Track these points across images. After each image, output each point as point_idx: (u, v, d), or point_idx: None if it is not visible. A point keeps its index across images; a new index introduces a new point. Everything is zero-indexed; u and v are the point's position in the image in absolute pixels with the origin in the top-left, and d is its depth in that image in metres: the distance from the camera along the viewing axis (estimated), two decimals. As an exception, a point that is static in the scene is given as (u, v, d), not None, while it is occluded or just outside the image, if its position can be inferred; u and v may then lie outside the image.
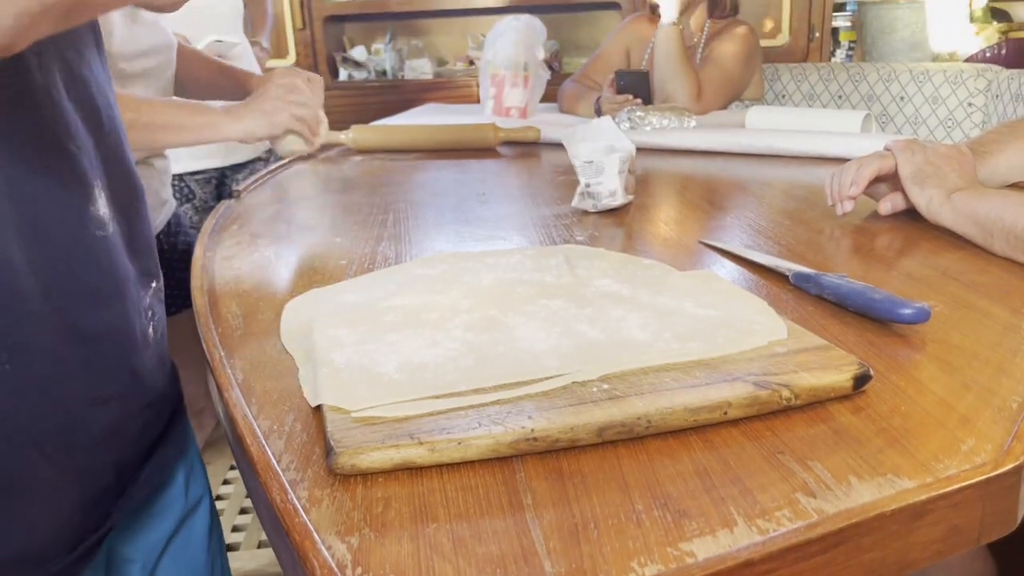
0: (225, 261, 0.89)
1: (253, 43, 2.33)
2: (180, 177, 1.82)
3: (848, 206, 0.98)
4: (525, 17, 2.00)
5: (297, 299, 0.74)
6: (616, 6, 3.10)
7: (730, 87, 2.08)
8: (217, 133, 1.16)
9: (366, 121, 1.81)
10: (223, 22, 2.06)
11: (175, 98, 1.31)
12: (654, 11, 2.09)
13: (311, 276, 0.83)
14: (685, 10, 2.01)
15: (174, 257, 1.36)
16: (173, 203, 1.43)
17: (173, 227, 1.39)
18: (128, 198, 0.59)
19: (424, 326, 0.62)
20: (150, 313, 0.61)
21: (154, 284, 0.62)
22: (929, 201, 0.89)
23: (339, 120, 1.76)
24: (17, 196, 0.46)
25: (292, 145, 1.29)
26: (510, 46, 1.95)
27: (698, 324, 0.61)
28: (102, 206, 0.54)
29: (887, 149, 0.98)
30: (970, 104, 2.42)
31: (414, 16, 3.33)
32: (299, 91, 1.23)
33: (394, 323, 0.63)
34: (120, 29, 1.17)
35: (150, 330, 0.61)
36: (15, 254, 0.46)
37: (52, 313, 0.49)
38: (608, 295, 0.68)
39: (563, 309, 0.65)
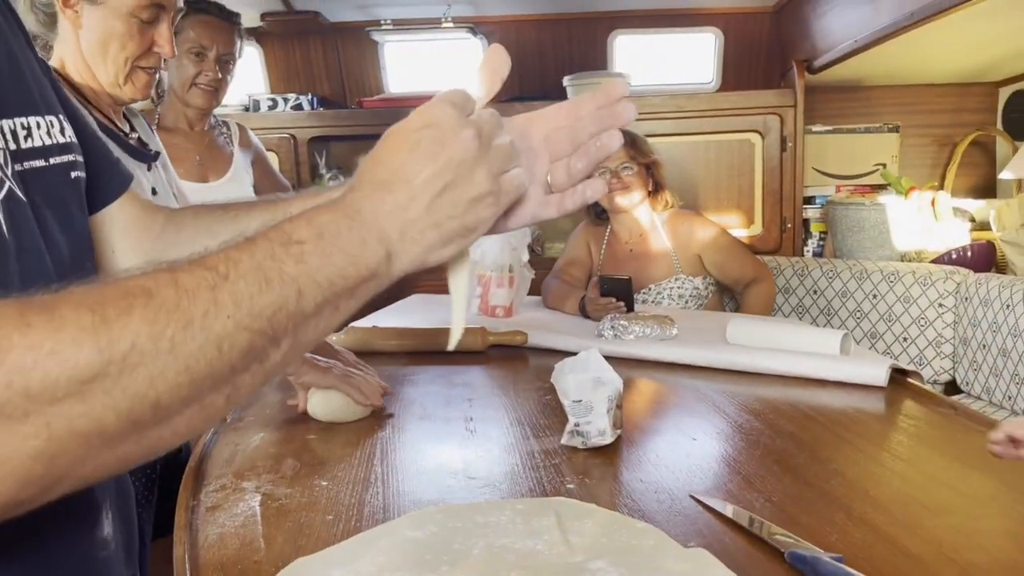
0: (209, 513, 0.87)
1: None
2: None
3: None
4: (511, 221, 2.08)
5: (282, 575, 0.72)
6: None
7: (747, 251, 2.46)
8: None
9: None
10: None
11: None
12: (599, 216, 2.47)
13: (297, 537, 0.81)
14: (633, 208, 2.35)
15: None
16: None
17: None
18: (125, 498, 0.58)
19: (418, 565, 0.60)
20: None
21: None
22: None
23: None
24: (26, 529, 0.46)
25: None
26: (496, 250, 2.01)
27: (698, 633, 0.59)
28: (107, 525, 0.53)
29: None
30: (941, 305, 2.51)
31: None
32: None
33: (384, 566, 0.60)
34: None
35: None
36: None
37: None
38: (604, 586, 0.66)
39: (558, 606, 0.63)
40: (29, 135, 0.60)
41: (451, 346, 0.63)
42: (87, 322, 0.40)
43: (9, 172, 0.56)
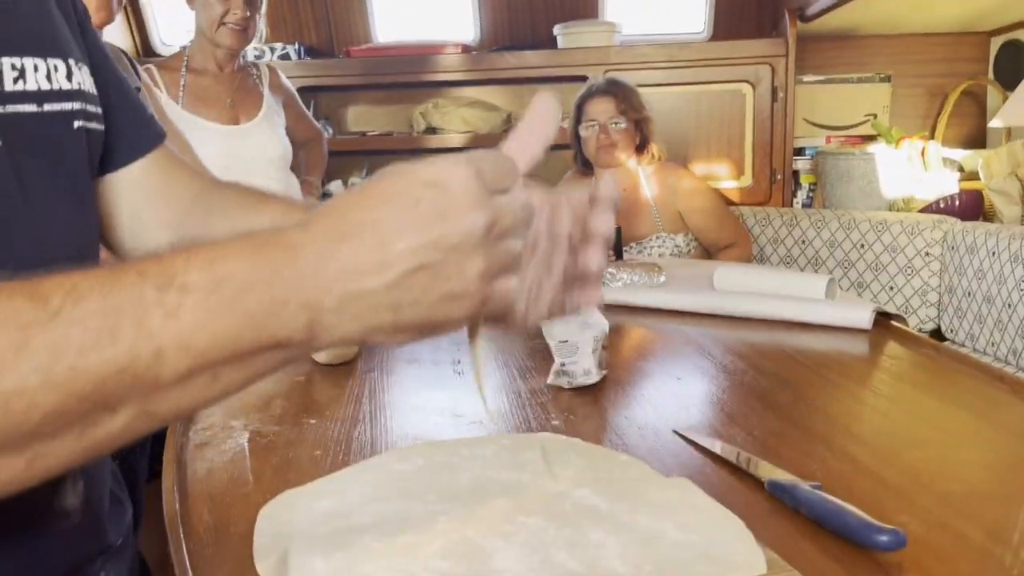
0: (198, 450, 0.88)
1: (304, 181, 2.42)
2: None
3: None
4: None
5: (270, 505, 0.73)
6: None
7: (729, 214, 2.44)
8: None
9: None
10: (272, 166, 2.14)
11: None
12: (585, 165, 2.46)
13: (285, 471, 0.82)
14: (618, 164, 2.35)
15: None
16: None
17: None
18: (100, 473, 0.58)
19: (400, 555, 0.61)
20: None
21: (112, 549, 0.61)
22: None
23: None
24: None
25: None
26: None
27: (678, 554, 0.61)
28: (71, 497, 0.53)
29: None
30: (927, 254, 2.52)
31: (391, 152, 3.42)
32: None
33: (369, 551, 0.62)
34: None
35: None
36: None
37: None
38: (587, 512, 0.68)
39: (541, 530, 0.64)
40: (22, 76, 0.56)
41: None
42: None
43: None
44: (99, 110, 0.64)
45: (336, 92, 3.29)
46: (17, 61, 0.56)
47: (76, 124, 0.61)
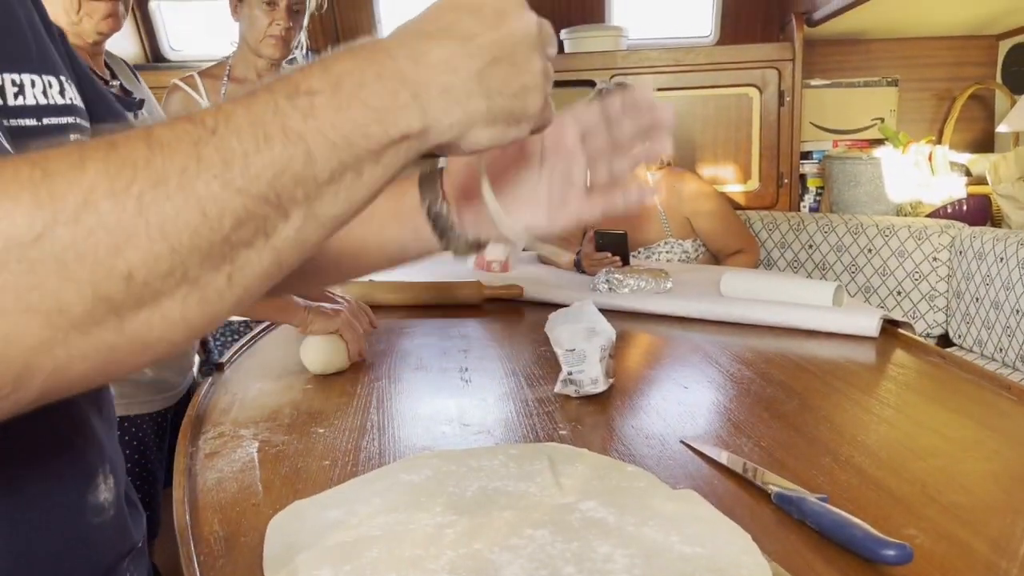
0: (208, 459, 0.89)
1: None
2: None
3: None
4: (507, 176, 2.07)
5: (280, 516, 0.73)
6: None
7: (737, 220, 2.42)
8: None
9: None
10: None
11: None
12: None
13: (294, 481, 0.83)
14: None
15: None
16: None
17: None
18: (119, 463, 0.59)
19: (409, 568, 0.61)
20: None
21: (136, 549, 0.62)
22: None
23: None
24: (15, 488, 0.46)
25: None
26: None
27: (684, 567, 0.61)
28: (104, 491, 0.54)
29: None
30: (935, 259, 2.51)
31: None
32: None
33: (377, 562, 0.62)
34: None
35: None
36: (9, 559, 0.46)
37: None
38: (594, 524, 0.68)
39: (549, 544, 0.65)
40: (21, 92, 0.58)
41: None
42: (26, 175, 0.34)
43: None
44: (88, 124, 0.66)
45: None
46: (16, 77, 0.57)
47: (72, 137, 0.63)
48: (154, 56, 3.33)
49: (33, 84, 0.59)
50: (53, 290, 0.34)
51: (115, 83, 1.52)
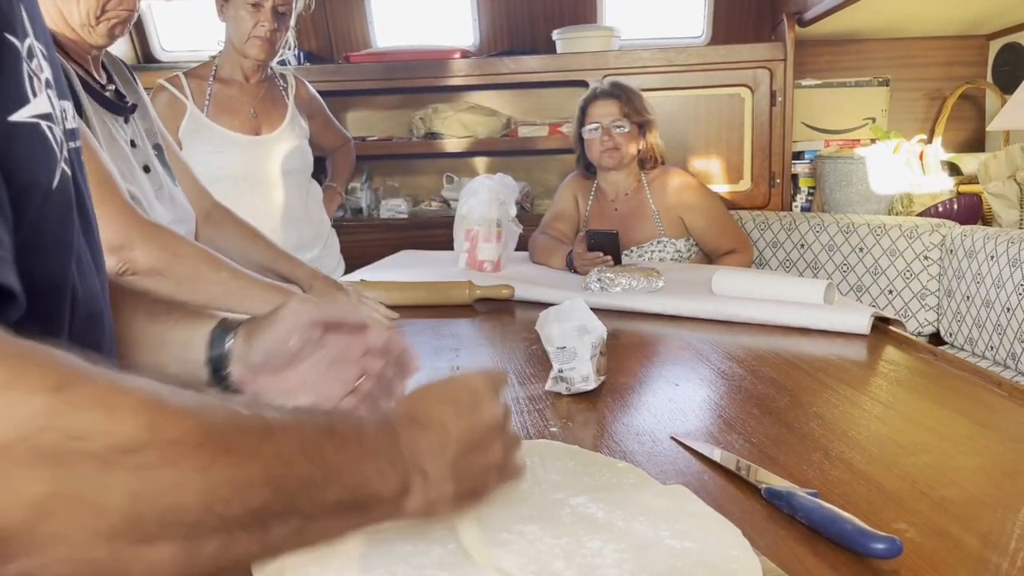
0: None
1: (327, 187, 2.46)
2: None
3: None
4: (498, 176, 2.08)
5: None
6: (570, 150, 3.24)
7: (731, 220, 2.41)
8: None
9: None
10: (290, 177, 2.19)
11: (261, 278, 1.36)
12: (588, 169, 2.43)
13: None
14: (620, 168, 2.32)
15: None
16: None
17: None
18: None
19: (397, 563, 0.61)
20: None
21: None
22: None
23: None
24: None
25: None
26: (483, 204, 2.01)
27: (674, 562, 0.61)
28: None
29: None
30: (926, 257, 2.52)
31: (390, 157, 3.43)
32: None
33: (365, 560, 0.62)
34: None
35: None
36: None
37: None
38: (584, 520, 0.68)
39: (538, 539, 0.64)
40: (64, 117, 0.60)
41: None
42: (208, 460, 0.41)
43: (65, 152, 0.57)
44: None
45: (336, 97, 3.28)
46: (63, 105, 0.59)
47: (83, 159, 0.65)
48: (145, 57, 3.32)
49: (64, 112, 0.60)
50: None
51: (110, 87, 1.51)
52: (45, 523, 0.37)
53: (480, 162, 3.44)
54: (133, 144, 1.44)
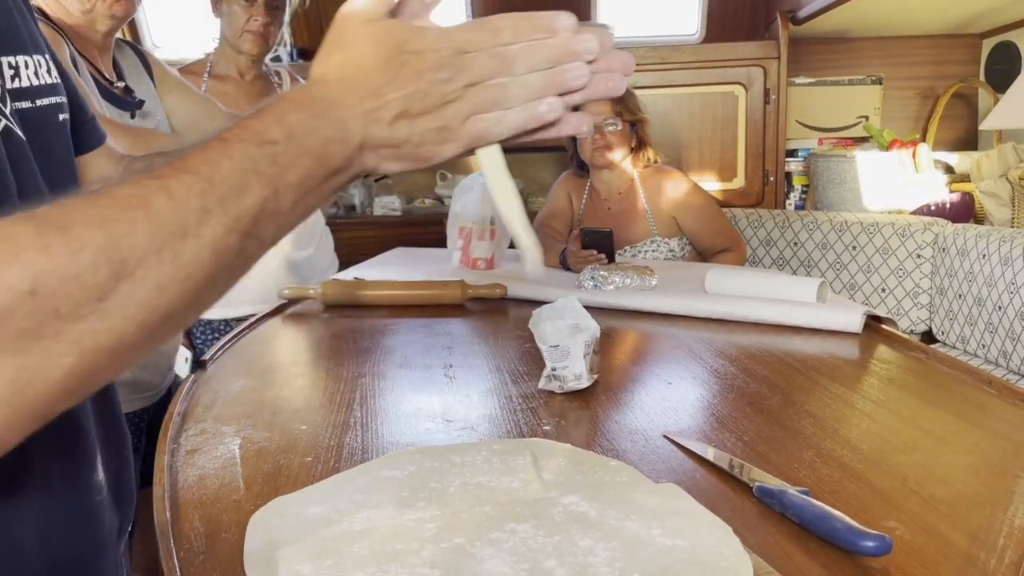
0: (189, 456, 0.88)
1: None
2: None
3: None
4: (492, 173, 2.08)
5: (261, 513, 0.73)
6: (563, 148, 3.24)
7: (724, 219, 2.40)
8: None
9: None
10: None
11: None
12: (581, 167, 2.44)
13: (276, 477, 0.82)
14: (612, 167, 2.33)
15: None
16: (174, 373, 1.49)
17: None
18: (117, 446, 0.60)
19: (389, 561, 0.61)
20: (122, 566, 0.61)
21: (127, 536, 0.63)
22: None
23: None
24: (28, 470, 0.47)
25: None
26: (477, 202, 2.01)
27: (665, 560, 0.61)
28: (100, 470, 0.55)
29: None
30: (919, 256, 2.53)
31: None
32: None
33: (358, 558, 0.62)
34: None
35: None
36: (26, 534, 0.47)
37: None
38: (576, 518, 0.68)
39: (531, 537, 0.65)
40: (17, 75, 0.59)
41: (531, 269, 0.59)
42: (100, 243, 0.41)
43: (7, 110, 0.56)
44: (67, 101, 0.67)
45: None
46: (11, 59, 0.58)
47: (60, 116, 0.64)
48: (138, 53, 3.31)
49: (27, 65, 0.60)
50: (118, 330, 0.42)
51: (119, 84, 1.50)
52: (87, 379, 0.41)
53: (474, 160, 3.44)
54: None
